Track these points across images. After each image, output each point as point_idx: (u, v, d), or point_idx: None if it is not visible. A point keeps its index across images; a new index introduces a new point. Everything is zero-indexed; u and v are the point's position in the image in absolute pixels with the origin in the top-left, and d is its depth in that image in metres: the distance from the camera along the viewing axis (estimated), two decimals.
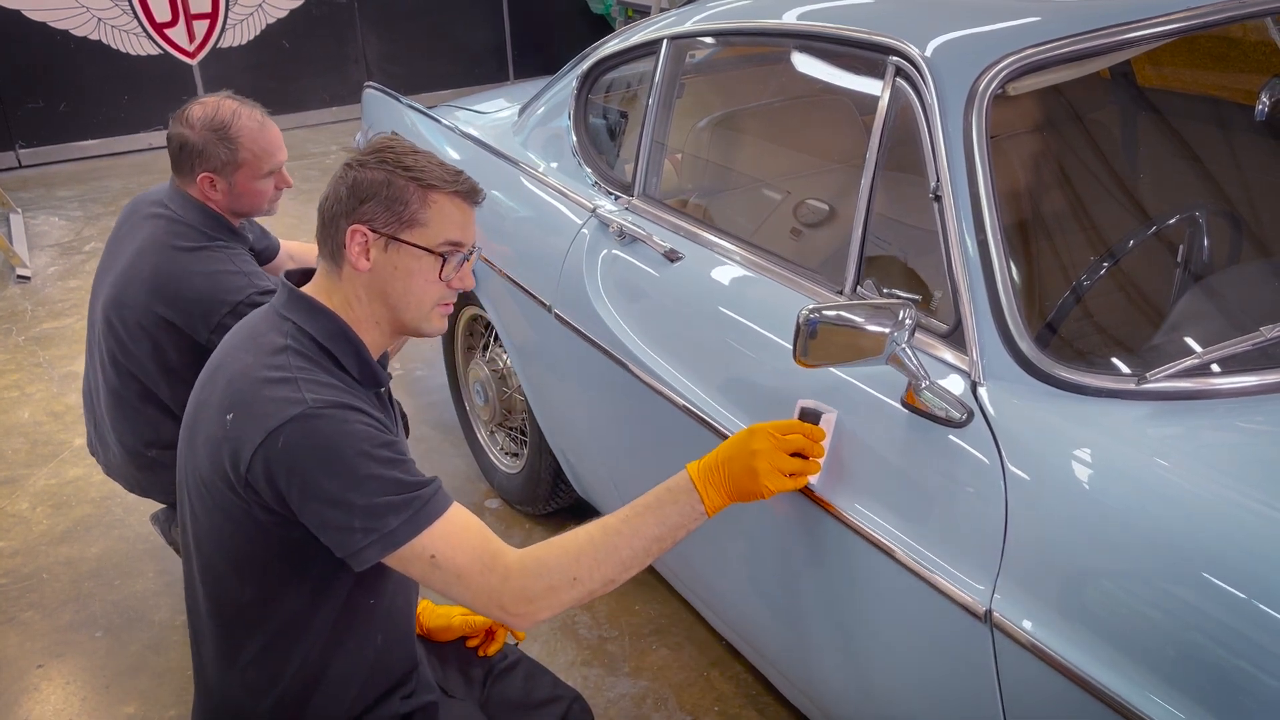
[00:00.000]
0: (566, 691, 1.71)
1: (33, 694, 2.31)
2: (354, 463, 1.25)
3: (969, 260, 1.42)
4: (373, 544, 1.26)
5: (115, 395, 2.14)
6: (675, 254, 1.96)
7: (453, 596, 1.32)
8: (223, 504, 1.32)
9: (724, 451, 1.43)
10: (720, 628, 2.09)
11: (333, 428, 1.25)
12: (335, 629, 1.39)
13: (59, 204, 5.78)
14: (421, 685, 1.54)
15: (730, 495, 1.41)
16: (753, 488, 1.41)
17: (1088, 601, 1.19)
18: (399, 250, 1.36)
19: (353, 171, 1.36)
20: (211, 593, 1.41)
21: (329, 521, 1.26)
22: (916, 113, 1.54)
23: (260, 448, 1.25)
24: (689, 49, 2.25)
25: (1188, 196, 1.80)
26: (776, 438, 1.44)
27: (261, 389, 1.28)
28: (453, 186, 1.38)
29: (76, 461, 3.20)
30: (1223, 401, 1.28)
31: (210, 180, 2.02)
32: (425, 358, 3.82)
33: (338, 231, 1.36)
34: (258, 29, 6.95)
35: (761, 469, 1.40)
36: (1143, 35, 1.59)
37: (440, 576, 1.30)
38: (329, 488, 1.24)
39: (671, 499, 1.40)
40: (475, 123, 2.91)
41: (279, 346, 1.32)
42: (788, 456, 1.43)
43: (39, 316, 4.32)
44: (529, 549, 1.35)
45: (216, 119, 1.99)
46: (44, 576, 2.69)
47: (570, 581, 1.33)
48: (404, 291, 1.38)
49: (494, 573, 1.30)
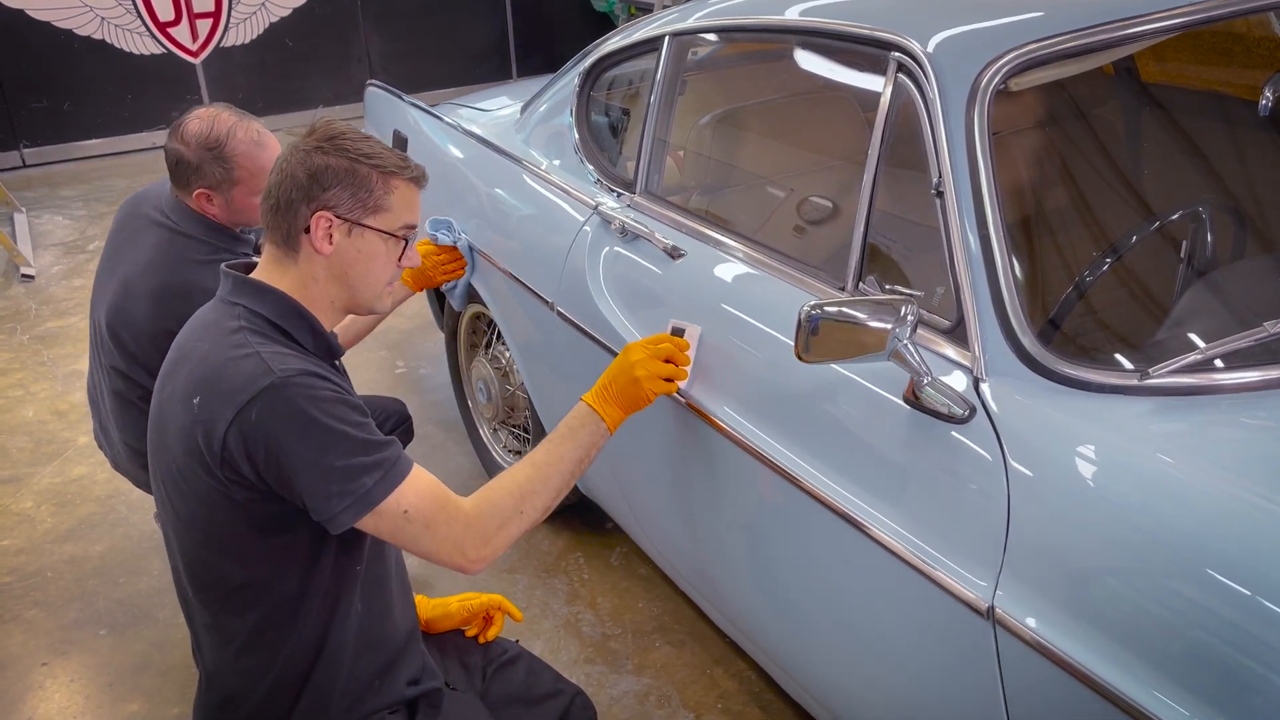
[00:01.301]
0: (568, 686, 1.71)
1: (37, 691, 2.32)
2: (326, 426, 1.29)
3: (971, 256, 1.42)
4: (349, 506, 1.31)
5: (119, 397, 2.14)
6: (677, 251, 1.96)
7: (419, 549, 1.39)
8: (199, 490, 1.33)
9: (609, 373, 1.68)
10: (723, 625, 2.09)
11: (303, 394, 1.29)
12: (323, 602, 1.41)
13: (63, 203, 5.80)
14: (427, 672, 1.55)
15: (623, 407, 1.66)
16: (637, 394, 1.66)
17: (1091, 598, 1.19)
18: (363, 235, 1.42)
19: (310, 157, 1.39)
20: (200, 583, 1.41)
21: (306, 487, 1.29)
22: (919, 108, 1.54)
23: (233, 422, 1.27)
24: (691, 46, 2.25)
25: (1191, 192, 1.79)
26: (650, 349, 1.71)
27: (225, 368, 1.30)
28: (409, 173, 1.45)
29: (81, 460, 3.20)
30: (1226, 397, 1.28)
31: (207, 196, 2.00)
32: (428, 355, 3.83)
33: (296, 216, 1.39)
34: (261, 28, 6.96)
35: (641, 376, 1.66)
36: (1146, 30, 1.58)
37: (410, 531, 1.37)
38: (305, 453, 1.28)
39: (580, 424, 1.61)
40: (478, 120, 2.91)
41: (233, 329, 1.36)
42: (661, 363, 1.69)
43: (43, 315, 4.33)
44: (476, 495, 1.46)
45: (211, 137, 1.96)
46: (48, 575, 2.69)
47: (518, 515, 1.47)
48: (364, 274, 1.44)
49: (456, 521, 1.40)
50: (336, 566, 1.41)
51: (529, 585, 2.58)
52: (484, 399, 2.82)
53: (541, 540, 2.75)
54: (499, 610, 1.75)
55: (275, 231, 1.41)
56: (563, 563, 2.66)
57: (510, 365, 2.69)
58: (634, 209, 2.15)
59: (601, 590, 2.55)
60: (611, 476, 2.23)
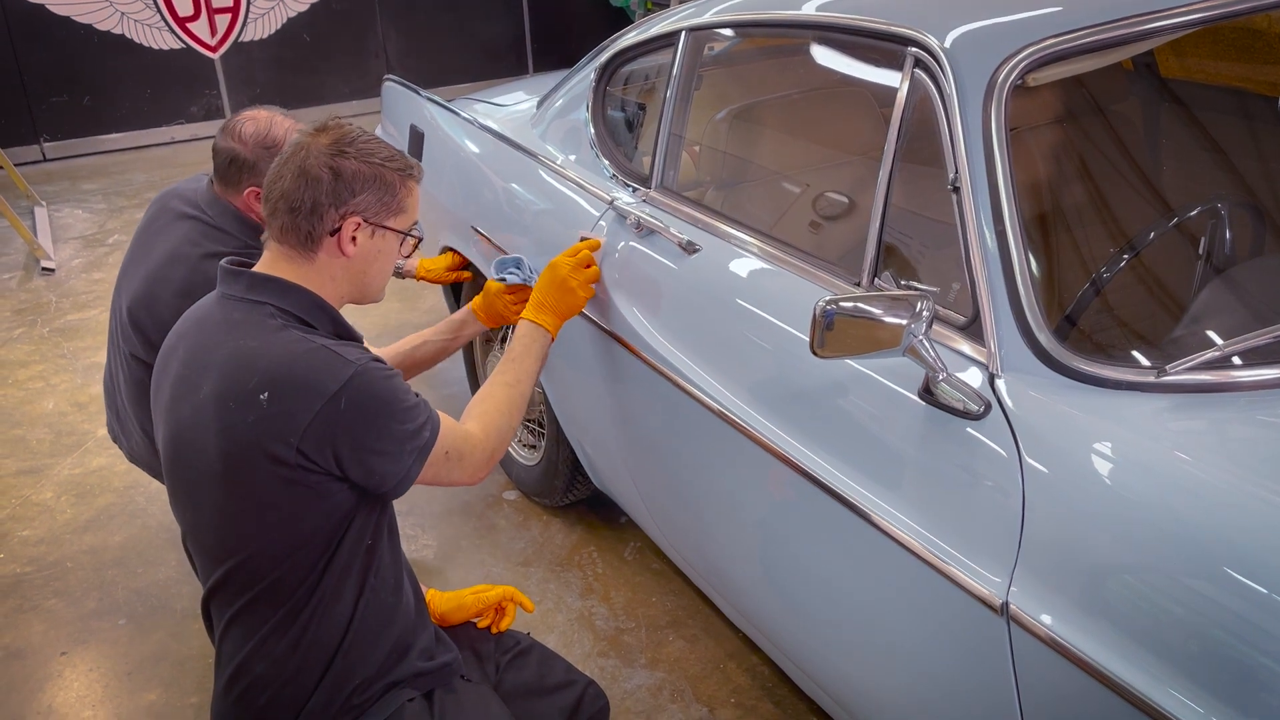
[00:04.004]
0: (580, 677, 1.72)
1: (56, 680, 2.34)
2: (402, 400, 1.42)
3: (987, 252, 1.42)
4: (415, 461, 1.44)
5: (139, 386, 2.15)
6: (693, 246, 1.96)
7: (449, 480, 1.54)
8: (252, 483, 1.36)
9: (540, 290, 1.94)
10: (736, 620, 2.09)
11: (381, 377, 1.41)
12: (346, 583, 1.44)
13: (83, 197, 5.84)
14: (441, 646, 1.58)
15: (560, 315, 1.93)
16: (572, 301, 1.95)
17: (1105, 595, 1.19)
18: (384, 236, 1.50)
19: (334, 160, 1.43)
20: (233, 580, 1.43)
21: (387, 457, 1.40)
22: (935, 104, 1.54)
23: (321, 413, 1.34)
24: (707, 41, 2.25)
25: (1210, 188, 1.78)
26: (570, 258, 1.98)
27: (297, 362, 1.36)
28: (418, 174, 1.54)
29: (100, 451, 3.23)
30: (1244, 394, 1.27)
31: (258, 194, 2.02)
32: None
33: (322, 220, 1.43)
34: (279, 23, 6.99)
35: (572, 284, 1.94)
36: (1165, 25, 1.57)
37: (448, 467, 1.52)
38: (389, 429, 1.39)
39: (531, 340, 1.86)
40: (494, 115, 2.92)
41: (277, 325, 1.41)
42: (584, 269, 1.98)
43: (63, 308, 4.37)
44: (476, 418, 1.65)
45: (269, 137, 2.01)
46: (68, 565, 2.72)
47: (510, 430, 1.69)
48: (379, 271, 1.53)
49: (477, 449, 1.58)
50: (356, 547, 1.44)
51: (543, 579, 2.59)
52: None
53: (556, 534, 2.76)
54: (511, 602, 1.78)
55: (292, 232, 1.44)
56: (577, 557, 2.67)
57: None
58: (649, 204, 2.15)
59: (615, 584, 2.56)
60: (626, 472, 2.23)
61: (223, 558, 1.42)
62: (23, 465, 3.19)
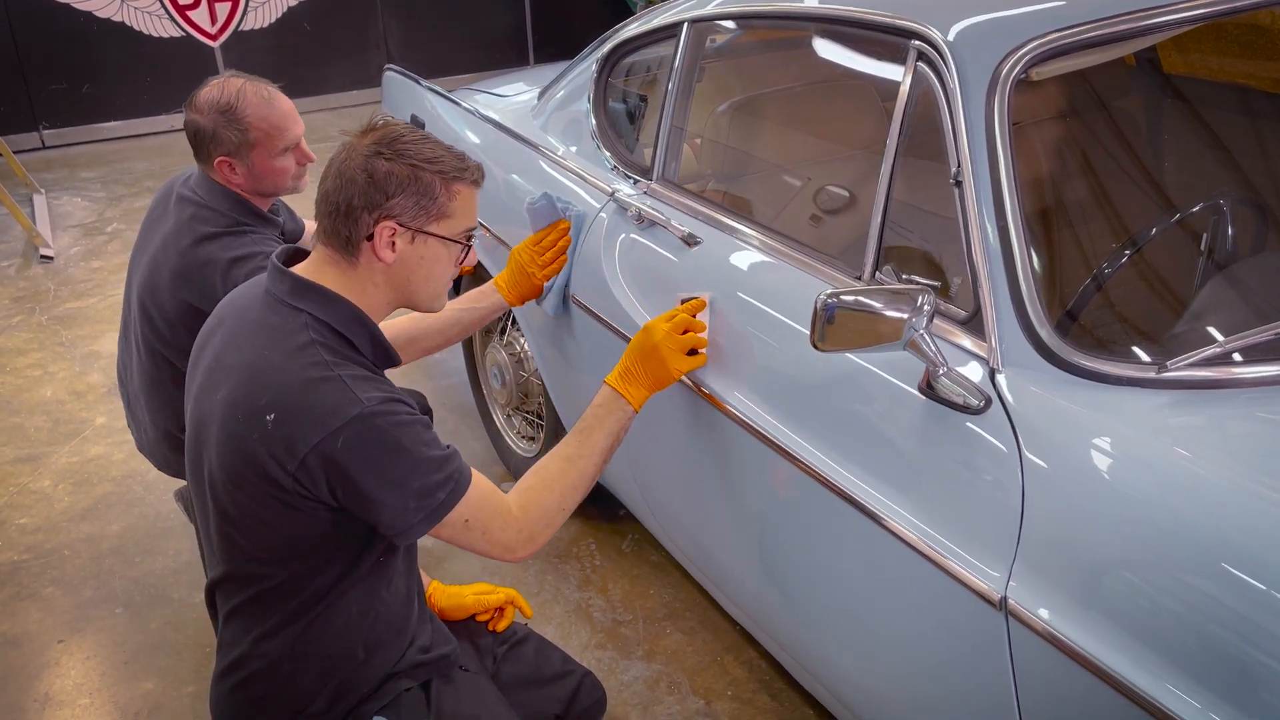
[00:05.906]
0: (577, 667, 1.73)
1: (53, 669, 2.34)
2: (409, 451, 1.32)
3: (989, 246, 1.42)
4: (423, 520, 1.35)
5: (150, 378, 2.15)
6: (694, 239, 1.96)
7: (472, 549, 1.44)
8: (252, 494, 1.33)
9: (631, 355, 1.69)
10: (734, 613, 2.10)
11: (390, 422, 1.31)
12: (352, 591, 1.43)
13: (82, 185, 5.83)
14: (439, 638, 1.57)
15: (648, 386, 1.68)
16: (664, 373, 1.68)
17: (1104, 590, 1.19)
18: (426, 242, 1.40)
19: (369, 161, 1.35)
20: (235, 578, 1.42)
21: (387, 507, 1.32)
22: (938, 97, 1.53)
23: (317, 446, 1.28)
24: (709, 33, 2.24)
25: (1212, 185, 1.78)
26: (667, 324, 1.72)
27: (307, 391, 1.29)
28: (470, 176, 1.42)
29: (98, 440, 3.23)
30: (1244, 391, 1.27)
31: (228, 164, 1.99)
32: None
33: (357, 224, 1.36)
34: (279, 11, 6.97)
35: (666, 355, 1.68)
36: (1169, 20, 1.57)
37: (468, 536, 1.41)
38: (391, 476, 1.31)
39: (607, 412, 1.64)
40: (495, 106, 2.91)
41: (305, 341, 1.34)
42: (681, 336, 1.71)
43: (62, 296, 4.36)
44: (520, 493, 1.50)
45: (222, 100, 1.95)
46: (65, 553, 2.72)
47: (560, 513, 1.52)
48: (425, 279, 1.42)
49: (509, 526, 1.45)
50: (366, 559, 1.42)
51: (541, 570, 2.59)
52: (498, 385, 2.82)
53: None
54: (510, 604, 1.76)
55: (334, 236, 1.38)
56: (575, 549, 2.67)
57: (525, 352, 2.69)
58: (650, 196, 2.15)
59: (613, 576, 2.56)
60: (625, 464, 2.23)
61: (226, 555, 1.42)
62: (20, 453, 3.19)
